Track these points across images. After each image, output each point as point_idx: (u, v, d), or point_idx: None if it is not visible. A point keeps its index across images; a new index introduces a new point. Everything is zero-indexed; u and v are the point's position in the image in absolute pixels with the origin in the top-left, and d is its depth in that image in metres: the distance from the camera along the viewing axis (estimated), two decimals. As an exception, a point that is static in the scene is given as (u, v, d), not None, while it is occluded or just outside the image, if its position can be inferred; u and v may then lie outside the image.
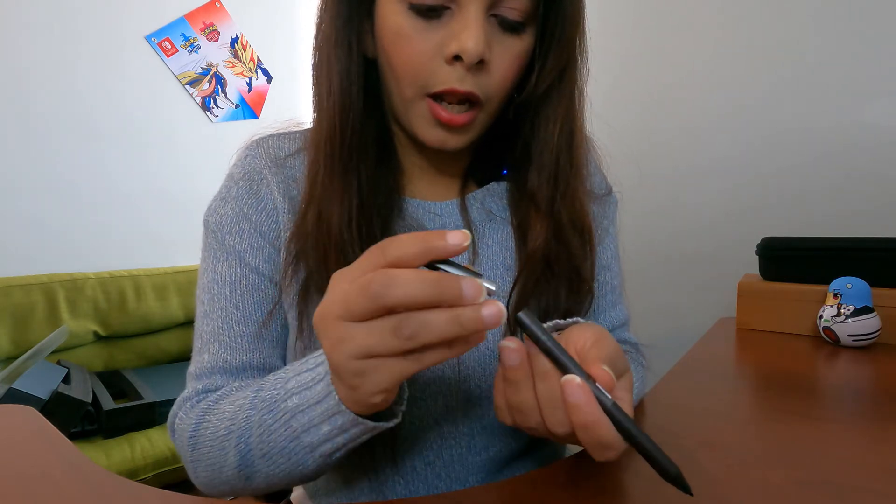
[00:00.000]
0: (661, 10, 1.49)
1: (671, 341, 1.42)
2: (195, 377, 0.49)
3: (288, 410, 0.36)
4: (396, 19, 0.42)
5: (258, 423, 0.38)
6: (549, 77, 0.46)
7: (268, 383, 0.40)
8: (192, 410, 0.46)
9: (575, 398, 0.29)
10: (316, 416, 0.35)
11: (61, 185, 1.81)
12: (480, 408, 0.50)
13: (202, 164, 2.13)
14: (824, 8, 1.24)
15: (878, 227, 1.14)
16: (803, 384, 0.64)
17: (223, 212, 0.50)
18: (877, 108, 1.20)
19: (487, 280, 0.29)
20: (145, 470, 1.39)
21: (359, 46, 0.46)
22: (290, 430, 0.36)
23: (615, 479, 0.38)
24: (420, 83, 0.43)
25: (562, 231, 0.50)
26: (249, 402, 0.40)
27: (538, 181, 0.49)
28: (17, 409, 0.52)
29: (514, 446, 0.53)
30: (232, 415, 0.41)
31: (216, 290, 0.49)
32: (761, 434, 0.48)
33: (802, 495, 0.36)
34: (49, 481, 0.37)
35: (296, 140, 0.53)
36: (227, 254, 0.49)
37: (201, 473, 0.44)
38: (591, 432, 0.30)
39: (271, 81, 2.38)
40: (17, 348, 1.57)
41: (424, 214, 0.52)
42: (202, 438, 0.43)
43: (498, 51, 0.43)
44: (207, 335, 0.49)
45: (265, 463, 0.39)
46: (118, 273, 1.83)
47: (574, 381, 0.30)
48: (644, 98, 1.52)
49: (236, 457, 0.40)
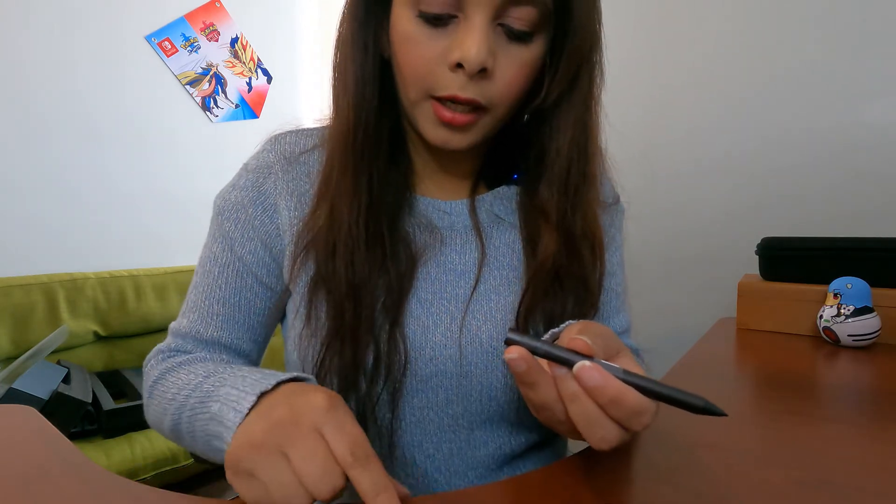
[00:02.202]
0: (660, 11, 1.49)
1: (671, 341, 1.42)
2: (173, 333, 0.54)
3: (211, 413, 0.39)
4: (406, 25, 0.43)
5: (190, 407, 0.43)
6: (560, 86, 0.46)
7: (215, 374, 0.43)
8: (159, 365, 0.51)
9: (593, 380, 0.31)
10: (224, 432, 0.36)
11: (62, 185, 1.81)
12: (480, 403, 0.50)
13: (202, 164, 2.13)
14: (825, 8, 1.24)
15: (878, 227, 1.14)
16: (803, 384, 0.64)
17: (228, 198, 0.53)
18: (877, 108, 1.20)
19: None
20: (145, 470, 1.39)
21: (375, 47, 0.47)
22: (206, 429, 0.40)
23: (615, 480, 0.38)
24: (425, 87, 0.44)
25: (572, 243, 0.50)
26: (196, 383, 0.44)
27: (549, 193, 0.50)
28: (17, 409, 0.52)
29: (515, 443, 0.53)
30: (180, 386, 0.46)
31: (208, 267, 0.53)
32: (761, 434, 0.48)
33: (802, 495, 0.36)
34: (49, 481, 0.37)
35: (313, 136, 0.54)
36: (223, 237, 0.52)
37: (150, 417, 0.51)
38: (620, 404, 0.30)
39: (271, 81, 2.37)
40: (17, 348, 1.57)
41: (434, 212, 0.53)
42: (157, 393, 0.49)
43: (503, 59, 0.43)
44: (192, 303, 0.53)
45: (189, 438, 0.44)
46: (118, 273, 1.83)
47: (584, 365, 0.31)
48: (644, 98, 1.52)
49: (170, 422, 0.46)
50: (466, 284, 0.51)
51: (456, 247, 0.52)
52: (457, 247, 0.52)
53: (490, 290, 0.51)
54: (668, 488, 0.30)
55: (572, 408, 0.32)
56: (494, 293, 0.51)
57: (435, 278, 0.51)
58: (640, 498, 0.36)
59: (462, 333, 0.49)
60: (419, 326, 0.49)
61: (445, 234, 0.52)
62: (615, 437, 0.32)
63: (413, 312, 0.49)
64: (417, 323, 0.49)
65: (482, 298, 0.51)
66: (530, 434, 0.54)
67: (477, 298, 0.51)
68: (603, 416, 0.31)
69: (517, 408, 0.51)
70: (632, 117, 1.51)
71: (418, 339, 0.49)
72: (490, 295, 0.51)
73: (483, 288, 0.51)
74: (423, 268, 0.51)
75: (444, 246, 0.52)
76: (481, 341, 0.50)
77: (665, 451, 0.42)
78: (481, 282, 0.51)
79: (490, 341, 0.50)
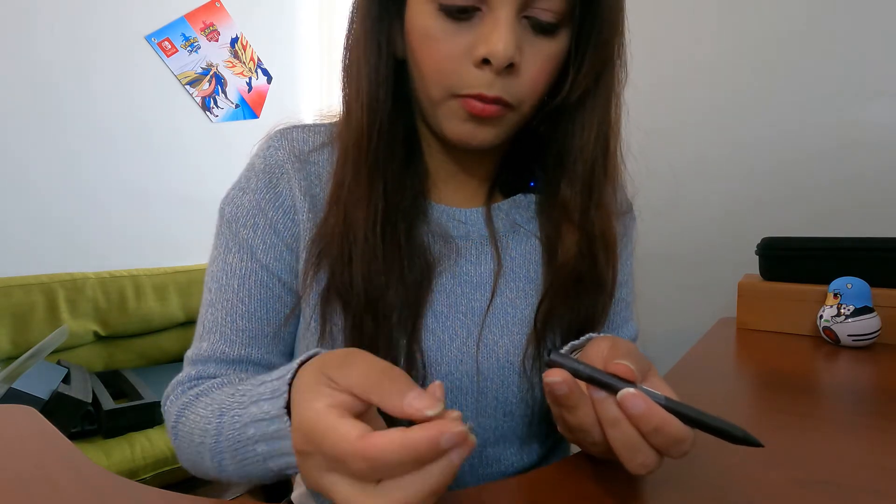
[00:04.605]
0: (660, 9, 1.49)
1: (671, 341, 1.42)
2: (191, 362, 0.49)
3: (250, 437, 0.35)
4: (426, 20, 0.41)
5: (227, 440, 0.38)
6: (585, 81, 0.45)
7: (237, 395, 0.38)
8: (179, 399, 0.46)
9: (637, 408, 0.30)
10: (275, 450, 0.33)
11: (61, 184, 1.81)
12: (495, 419, 0.49)
13: (202, 164, 2.13)
14: (825, 8, 1.24)
15: (878, 227, 1.13)
16: (803, 384, 0.64)
17: (240, 203, 0.49)
18: (877, 108, 1.20)
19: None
20: (145, 470, 1.39)
21: (388, 47, 0.45)
22: (256, 455, 0.35)
23: (615, 480, 0.38)
24: (447, 85, 0.42)
25: (591, 244, 0.49)
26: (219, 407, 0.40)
27: (571, 192, 0.48)
28: (17, 409, 0.52)
29: (526, 460, 0.52)
30: (204, 424, 0.41)
31: (224, 281, 0.48)
32: (761, 434, 0.48)
33: (802, 495, 0.36)
34: (49, 481, 0.37)
35: (321, 134, 0.52)
36: (239, 246, 0.48)
37: (183, 461, 0.46)
38: (663, 433, 0.30)
39: (271, 81, 2.37)
40: (17, 348, 1.57)
41: (449, 221, 0.51)
42: (181, 433, 0.44)
43: (529, 54, 0.41)
44: (210, 324, 0.48)
45: (236, 469, 0.39)
46: (118, 273, 1.83)
47: (629, 392, 0.30)
48: (644, 97, 1.51)
49: (211, 461, 0.41)
50: (482, 297, 0.49)
51: (471, 258, 0.50)
52: (472, 257, 0.50)
53: (507, 303, 0.50)
54: (668, 488, 0.30)
55: (612, 433, 0.31)
56: (511, 306, 0.50)
57: (450, 290, 0.49)
58: (641, 498, 0.36)
59: (479, 349, 0.48)
60: (435, 341, 0.47)
61: (461, 243, 0.50)
62: (654, 463, 0.31)
63: (429, 326, 0.47)
64: (433, 337, 0.47)
65: (499, 311, 0.49)
66: (540, 449, 0.53)
67: (493, 311, 0.49)
68: (643, 442, 0.31)
69: (529, 423, 0.50)
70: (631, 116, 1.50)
71: (434, 354, 0.47)
72: (507, 308, 0.50)
73: (499, 300, 0.50)
74: (438, 279, 0.48)
75: (460, 257, 0.50)
76: (498, 356, 0.48)
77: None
78: (497, 294, 0.50)
79: (507, 356, 0.48)
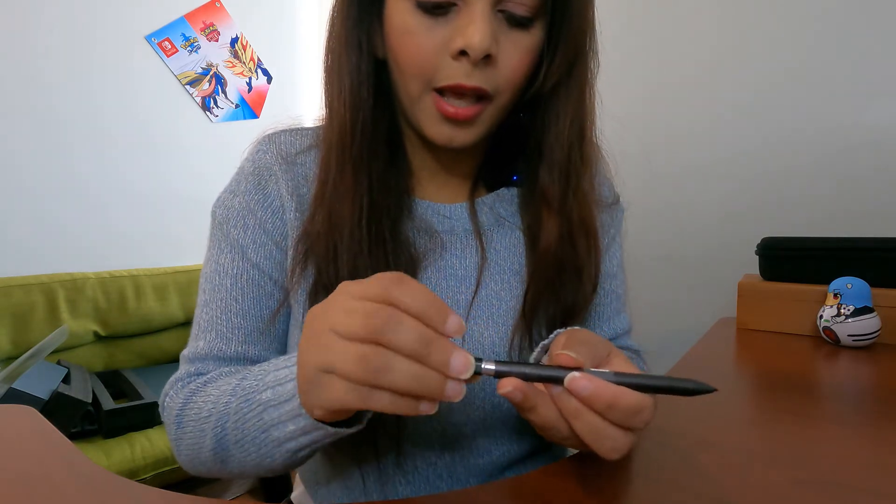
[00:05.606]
0: (660, 9, 1.49)
1: (671, 341, 1.42)
2: (188, 360, 0.50)
3: (261, 403, 0.37)
4: (404, 17, 0.42)
5: (235, 411, 0.39)
6: (558, 71, 0.46)
7: (251, 373, 0.41)
8: (181, 391, 0.47)
9: (586, 390, 0.30)
10: (284, 414, 0.35)
11: (61, 184, 1.81)
12: (483, 410, 0.50)
13: (202, 164, 2.13)
14: (825, 8, 1.24)
15: (878, 227, 1.13)
16: (803, 384, 0.64)
17: (230, 205, 0.51)
18: (877, 109, 1.20)
19: (489, 361, 0.31)
20: (145, 470, 1.39)
21: (369, 47, 0.46)
22: (261, 422, 0.37)
23: (615, 480, 0.38)
24: (426, 79, 0.43)
25: (571, 231, 0.50)
26: (231, 389, 0.41)
27: (549, 178, 0.49)
28: (17, 409, 0.52)
29: (516, 450, 0.53)
30: (215, 399, 0.42)
31: (218, 281, 0.50)
32: (761, 434, 0.48)
33: (802, 495, 0.36)
34: (49, 481, 0.37)
35: (307, 136, 0.53)
36: (230, 246, 0.50)
37: (183, 451, 0.45)
38: (618, 407, 0.30)
39: (271, 81, 2.38)
40: (17, 348, 1.57)
41: (434, 216, 0.52)
42: (187, 418, 0.44)
43: (506, 46, 0.43)
44: (206, 323, 0.49)
45: (238, 449, 0.40)
46: (118, 273, 1.83)
47: (574, 377, 0.31)
48: (644, 98, 1.51)
49: (213, 440, 0.41)
50: (468, 290, 0.51)
51: (456, 251, 0.52)
52: (457, 251, 0.52)
53: (492, 295, 0.51)
54: (668, 488, 0.30)
55: (576, 423, 0.32)
56: (496, 298, 0.51)
57: (435, 284, 0.50)
58: (640, 498, 0.36)
59: (465, 341, 0.49)
60: None
61: (446, 238, 0.52)
62: (624, 445, 0.31)
63: None
64: None
65: (484, 304, 0.50)
66: (532, 440, 0.54)
67: (478, 303, 0.50)
68: (608, 425, 0.31)
69: (517, 414, 0.51)
70: (632, 116, 1.50)
71: None
72: (492, 300, 0.51)
73: (484, 293, 0.51)
74: (423, 273, 0.50)
75: (445, 251, 0.51)
76: (484, 348, 0.49)
77: (665, 451, 0.42)
78: (482, 286, 0.51)
79: (493, 347, 0.49)
